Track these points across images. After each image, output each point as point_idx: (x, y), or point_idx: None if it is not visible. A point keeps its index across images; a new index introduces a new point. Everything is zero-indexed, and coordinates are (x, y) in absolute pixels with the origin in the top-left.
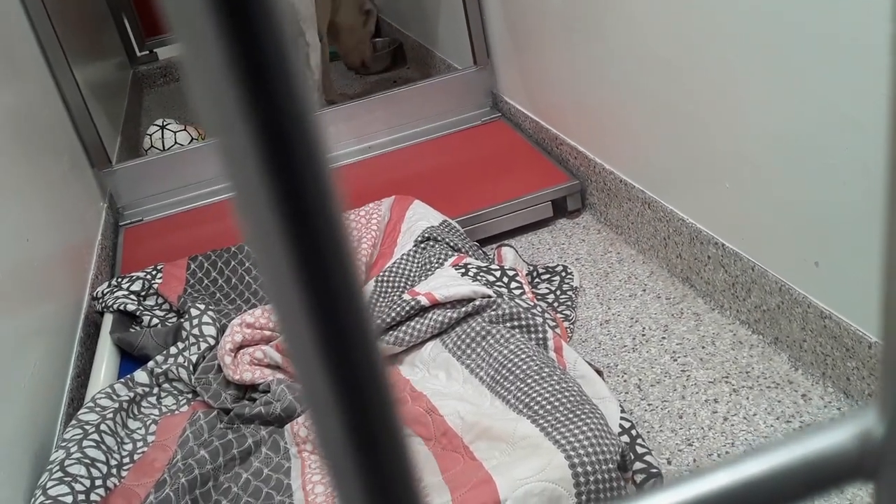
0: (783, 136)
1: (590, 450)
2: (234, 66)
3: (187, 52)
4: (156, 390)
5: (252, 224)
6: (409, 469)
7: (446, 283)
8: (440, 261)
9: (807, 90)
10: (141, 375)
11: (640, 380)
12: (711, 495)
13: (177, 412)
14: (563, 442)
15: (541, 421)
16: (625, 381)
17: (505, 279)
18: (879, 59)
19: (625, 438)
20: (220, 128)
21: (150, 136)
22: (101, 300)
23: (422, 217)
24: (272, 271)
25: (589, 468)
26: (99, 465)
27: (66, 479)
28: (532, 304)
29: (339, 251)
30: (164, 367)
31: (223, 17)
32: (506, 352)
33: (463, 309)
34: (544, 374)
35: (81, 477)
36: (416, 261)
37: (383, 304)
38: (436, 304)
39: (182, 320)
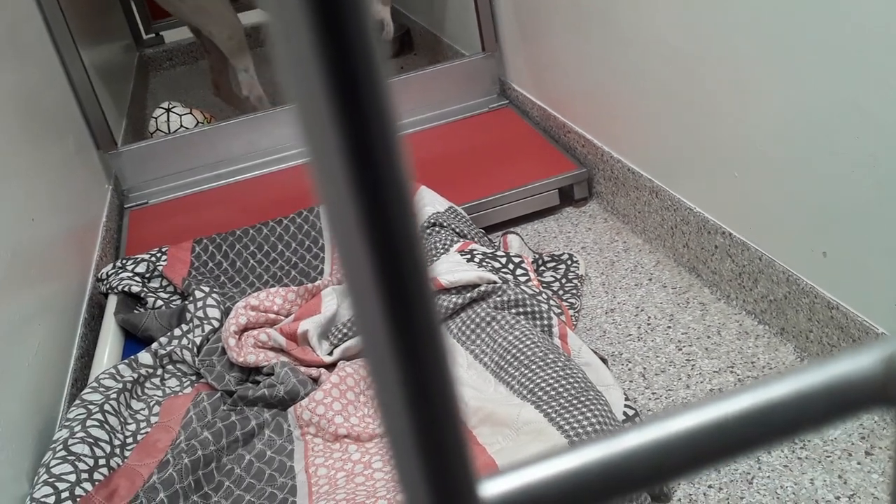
0: (792, 126)
1: (593, 436)
2: (316, 35)
3: (275, 22)
4: (159, 371)
5: (326, 183)
6: (456, 411)
7: (452, 268)
8: (446, 247)
9: (816, 79)
10: (145, 357)
11: (644, 368)
12: (735, 417)
13: (180, 394)
14: (566, 427)
15: (544, 406)
16: (629, 369)
17: (510, 266)
18: (891, 47)
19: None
20: (300, 92)
21: (156, 119)
22: (105, 281)
23: (427, 203)
24: (343, 229)
25: None
26: (102, 444)
27: (69, 457)
28: (537, 290)
29: (404, 211)
30: (168, 348)
31: None
32: (510, 338)
33: (468, 294)
34: (549, 361)
35: (85, 456)
36: None
37: None
38: (441, 290)
39: (186, 302)
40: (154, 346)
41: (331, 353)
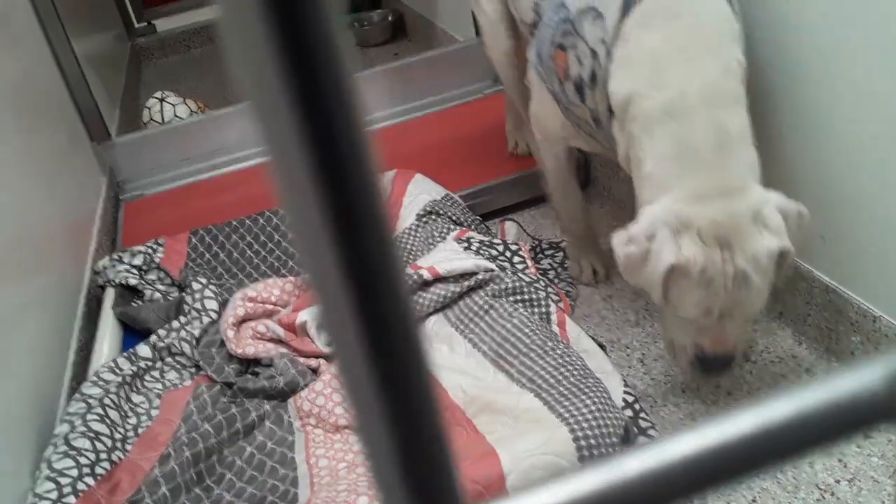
0: (790, 108)
1: (593, 423)
2: (272, 29)
3: (226, 16)
4: (159, 364)
5: (286, 183)
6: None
7: (449, 256)
8: (442, 235)
9: (815, 58)
10: (143, 349)
11: (643, 354)
12: (737, 438)
13: (180, 386)
14: (566, 415)
15: (544, 395)
16: (627, 355)
17: (508, 253)
18: (892, 29)
19: (628, 413)
20: (257, 89)
21: (150, 108)
22: (102, 274)
23: (423, 191)
24: (306, 232)
25: (592, 441)
26: (104, 438)
27: (70, 452)
28: (535, 278)
29: (373, 209)
30: (167, 341)
31: None
32: (509, 326)
33: (466, 283)
34: (547, 349)
35: (86, 450)
36: (418, 235)
37: None
38: (438, 278)
39: (184, 294)
40: (153, 338)
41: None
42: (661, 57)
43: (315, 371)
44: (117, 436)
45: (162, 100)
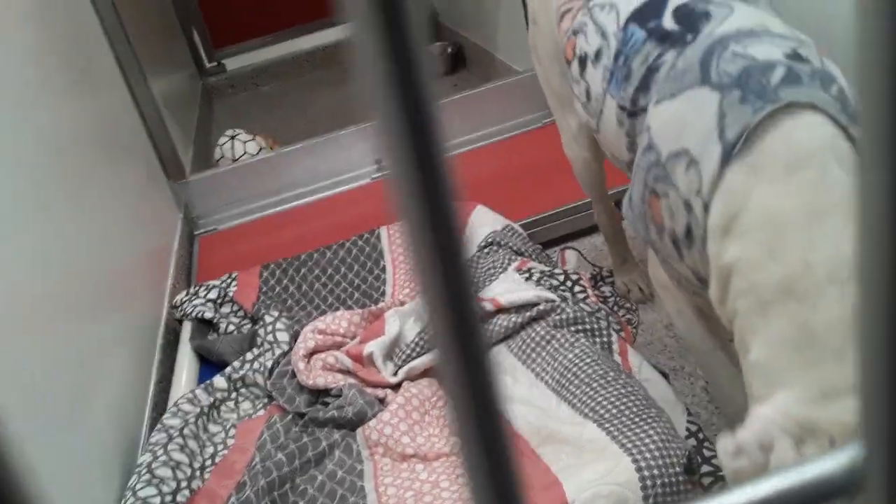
0: None
1: (656, 453)
2: (385, 62)
3: (359, 52)
4: (233, 395)
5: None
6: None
7: (510, 288)
8: (503, 266)
9: None
10: (219, 381)
11: (706, 383)
12: None
13: (254, 416)
14: (629, 446)
15: (607, 425)
16: (691, 383)
17: (568, 283)
18: None
19: (691, 442)
20: (376, 109)
21: (221, 146)
22: (179, 308)
23: (484, 222)
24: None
25: (656, 472)
26: (183, 467)
27: (153, 481)
28: (596, 307)
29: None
30: (241, 372)
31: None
32: (571, 356)
33: (527, 314)
34: (609, 379)
35: (168, 479)
36: (479, 266)
37: None
38: (500, 310)
39: (257, 327)
40: (228, 370)
41: (395, 374)
42: (779, 219)
43: (382, 401)
44: (196, 465)
45: (233, 137)
